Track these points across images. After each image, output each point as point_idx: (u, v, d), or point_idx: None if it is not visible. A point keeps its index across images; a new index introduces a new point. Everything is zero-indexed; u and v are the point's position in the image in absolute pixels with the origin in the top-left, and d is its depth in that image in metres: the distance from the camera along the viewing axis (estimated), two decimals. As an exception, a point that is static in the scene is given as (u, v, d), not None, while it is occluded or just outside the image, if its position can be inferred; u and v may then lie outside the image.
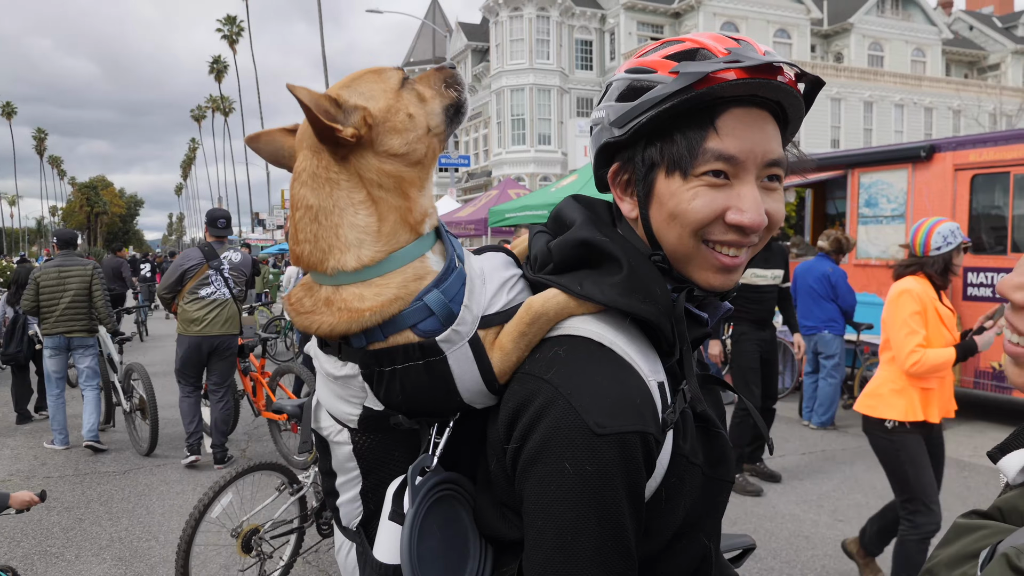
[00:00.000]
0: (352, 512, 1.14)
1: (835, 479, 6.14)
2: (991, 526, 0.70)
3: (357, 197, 1.00)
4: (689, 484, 0.98)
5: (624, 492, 0.87)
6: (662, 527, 0.96)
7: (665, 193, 0.98)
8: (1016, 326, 0.76)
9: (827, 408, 7.77)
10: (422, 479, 0.99)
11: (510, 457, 0.92)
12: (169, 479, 6.23)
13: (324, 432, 1.12)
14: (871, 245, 9.04)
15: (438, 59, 43.16)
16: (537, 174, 35.36)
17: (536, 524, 0.88)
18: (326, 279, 1.01)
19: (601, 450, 0.85)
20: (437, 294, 0.97)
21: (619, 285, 0.95)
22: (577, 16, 37.02)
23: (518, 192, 17.25)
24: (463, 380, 0.98)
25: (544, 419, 0.88)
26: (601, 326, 0.96)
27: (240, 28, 69.17)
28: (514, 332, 0.98)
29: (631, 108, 0.97)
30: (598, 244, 0.99)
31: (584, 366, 0.91)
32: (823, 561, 4.56)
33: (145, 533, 5.06)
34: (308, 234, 1.00)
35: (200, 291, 6.32)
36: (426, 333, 0.97)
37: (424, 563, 0.96)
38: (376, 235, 0.99)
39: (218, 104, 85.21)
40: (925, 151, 8.35)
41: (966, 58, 45.34)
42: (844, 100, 36.08)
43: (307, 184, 1.01)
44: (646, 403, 0.91)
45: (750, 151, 0.95)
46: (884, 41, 40.22)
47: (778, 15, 36.80)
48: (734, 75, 0.92)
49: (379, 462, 1.07)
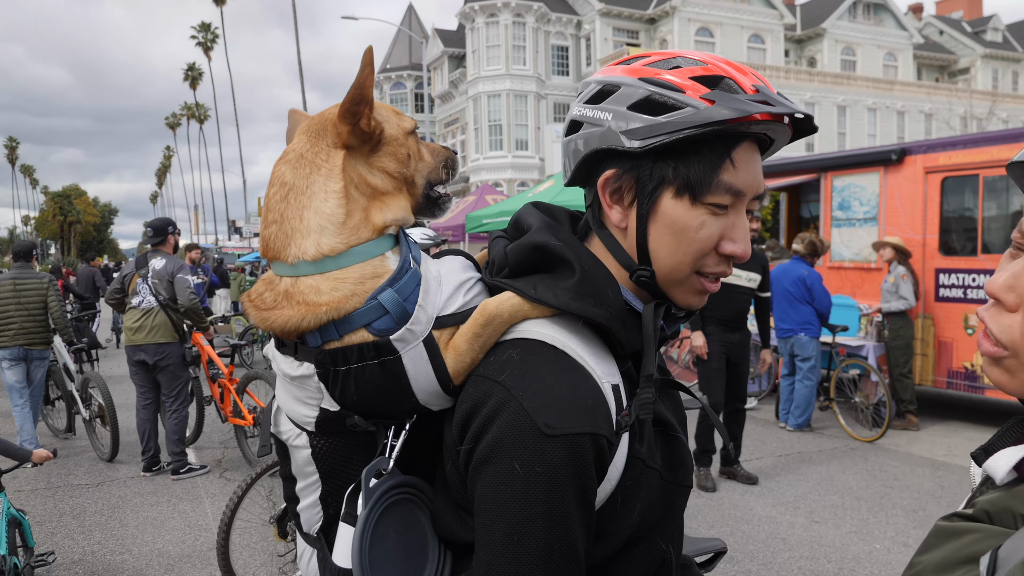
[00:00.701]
0: (312, 518, 1.14)
1: (811, 481, 6.18)
2: (982, 529, 0.68)
3: (333, 186, 1.01)
4: (645, 487, 0.99)
5: (573, 494, 0.88)
6: (617, 530, 0.96)
7: (671, 214, 0.97)
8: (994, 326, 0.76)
9: (803, 410, 7.82)
10: (377, 482, 0.99)
11: (463, 458, 0.94)
12: (143, 491, 6.15)
13: (283, 436, 1.13)
14: (845, 248, 9.12)
15: (414, 65, 43.12)
16: (515, 180, 35.40)
17: (485, 523, 0.89)
18: (287, 269, 1.01)
19: (550, 451, 0.86)
20: (391, 293, 0.98)
21: (571, 289, 0.96)
22: (553, 22, 37.15)
23: (495, 198, 17.27)
24: (417, 380, 0.98)
25: (496, 420, 0.89)
26: (555, 329, 0.97)
27: (215, 35, 68.74)
28: (468, 333, 0.99)
29: (654, 124, 0.94)
30: (552, 248, 1.00)
31: (537, 369, 0.92)
32: (800, 563, 4.58)
33: (118, 546, 4.99)
34: (276, 214, 1.02)
35: (132, 300, 6.46)
36: (380, 332, 0.97)
37: (377, 566, 0.96)
38: (339, 226, 1.00)
39: (193, 111, 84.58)
40: (896, 154, 8.44)
41: (937, 62, 46.03)
42: (817, 104, 36.47)
43: (290, 163, 1.04)
44: (598, 405, 0.92)
45: (751, 185, 0.98)
46: (856, 46, 40.73)
47: (752, 20, 37.16)
48: (760, 116, 0.94)
49: (337, 466, 1.08)
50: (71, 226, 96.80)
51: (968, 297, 7.80)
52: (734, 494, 5.82)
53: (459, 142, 41.06)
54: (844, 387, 8.13)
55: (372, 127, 1.03)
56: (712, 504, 5.60)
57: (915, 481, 6.16)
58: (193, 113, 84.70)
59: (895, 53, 41.87)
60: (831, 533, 5.05)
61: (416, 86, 43.70)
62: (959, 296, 7.89)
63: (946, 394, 9.25)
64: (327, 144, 1.04)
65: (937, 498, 5.74)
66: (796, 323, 7.65)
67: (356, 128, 1.03)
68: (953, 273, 7.95)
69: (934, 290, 8.10)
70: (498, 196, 17.79)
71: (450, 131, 42.14)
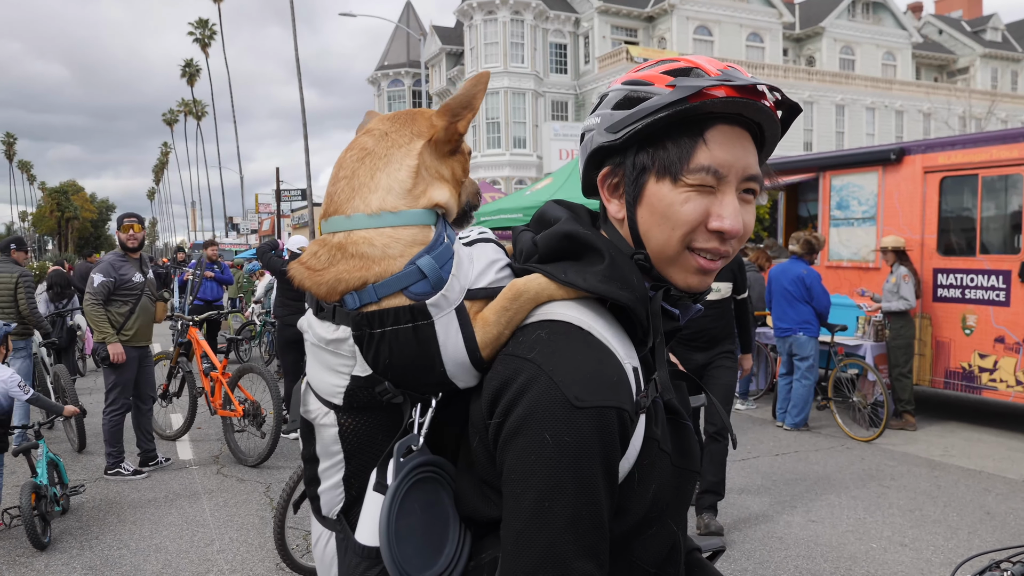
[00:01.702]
0: (333, 500, 1.17)
1: (808, 480, 6.19)
2: None
3: (408, 162, 1.11)
4: (659, 469, 1.03)
5: (600, 465, 0.92)
6: (633, 507, 1.00)
7: (655, 196, 1.05)
8: None
9: (801, 409, 7.83)
10: (407, 457, 1.04)
11: (492, 432, 0.97)
12: (140, 487, 6.15)
13: (311, 415, 1.17)
14: (843, 247, 9.13)
15: (412, 63, 43.09)
16: (512, 177, 35.39)
17: (515, 492, 0.93)
18: (342, 223, 1.07)
19: (580, 422, 0.91)
20: (429, 259, 1.03)
21: (600, 274, 1.02)
22: (551, 20, 37.13)
23: (493, 195, 17.25)
24: (447, 348, 1.02)
25: (527, 394, 0.93)
26: (581, 312, 1.02)
27: (212, 31, 68.61)
28: (497, 307, 1.04)
29: (628, 115, 1.04)
30: (581, 237, 1.06)
31: (565, 346, 0.97)
32: (796, 562, 4.59)
33: (116, 541, 4.99)
34: (348, 170, 1.10)
35: None
36: (417, 296, 1.02)
37: (402, 540, 1.00)
38: (404, 192, 1.09)
39: (190, 108, 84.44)
40: (895, 154, 8.45)
41: (936, 62, 46.06)
42: (816, 103, 36.49)
43: (374, 136, 1.13)
44: (622, 383, 0.97)
45: (733, 165, 1.03)
46: (855, 45, 40.75)
47: (751, 19, 37.16)
48: (724, 92, 1.00)
49: (363, 445, 1.12)
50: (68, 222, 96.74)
51: (966, 297, 7.81)
52: (731, 492, 5.82)
53: (457, 139, 40.98)
54: (842, 386, 8.14)
55: (464, 131, 1.14)
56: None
57: (912, 481, 6.17)
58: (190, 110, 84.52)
59: (894, 52, 41.90)
60: (828, 532, 5.05)
61: (414, 83, 43.65)
62: (957, 296, 7.90)
63: (943, 394, 9.26)
64: (412, 132, 1.13)
65: (934, 498, 5.75)
66: (795, 322, 7.66)
67: (451, 126, 1.13)
68: (951, 273, 7.96)
69: (932, 290, 8.11)
70: (496, 194, 17.78)
71: (448, 128, 42.09)
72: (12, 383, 5.16)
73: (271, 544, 4.87)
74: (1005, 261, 7.49)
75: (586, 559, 0.91)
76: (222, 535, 5.09)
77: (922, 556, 4.67)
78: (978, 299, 7.72)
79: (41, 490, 4.95)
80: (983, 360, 7.67)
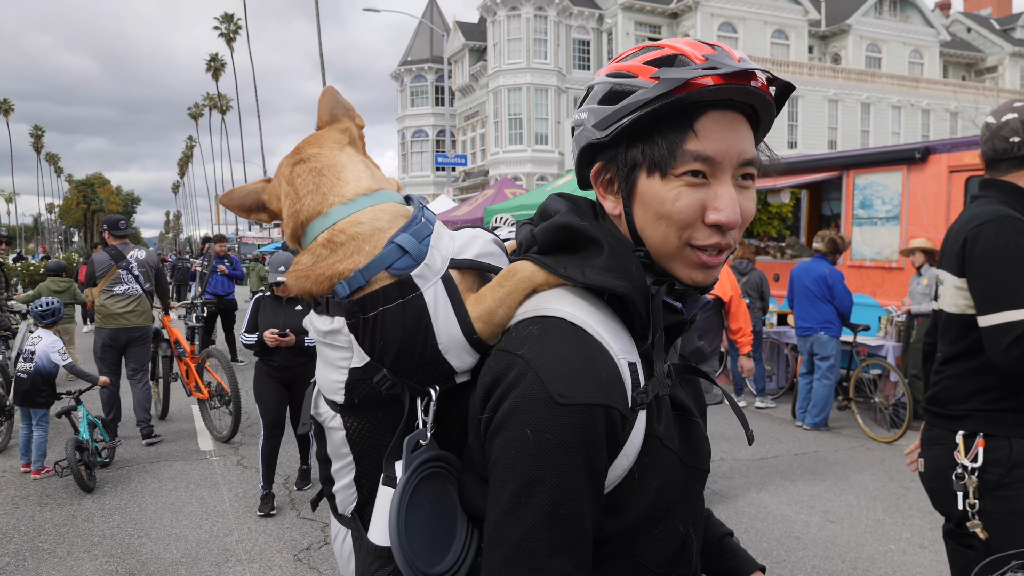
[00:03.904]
0: (347, 499, 1.18)
1: (827, 480, 6.15)
2: None
3: (358, 159, 1.17)
4: (662, 466, 1.01)
5: (582, 463, 0.91)
6: (633, 505, 0.99)
7: (648, 192, 1.02)
8: None
9: (821, 409, 7.77)
10: (416, 452, 1.04)
11: (483, 426, 0.97)
12: (161, 476, 6.22)
13: (321, 418, 1.18)
14: (866, 247, 9.04)
15: (435, 58, 43.13)
16: (534, 174, 35.36)
17: (495, 485, 0.94)
18: (322, 222, 1.09)
19: (562, 419, 0.90)
20: (407, 235, 1.06)
21: (598, 266, 1.01)
22: (575, 16, 37.01)
23: (514, 192, 17.26)
24: (438, 319, 1.03)
25: (514, 390, 0.93)
26: (576, 306, 1.01)
27: (237, 26, 69.07)
28: (492, 283, 1.07)
29: (613, 111, 1.01)
30: (578, 228, 1.05)
31: (555, 342, 0.96)
32: (813, 562, 4.57)
33: (137, 530, 5.06)
34: (311, 187, 1.12)
35: (115, 288, 7.10)
36: (401, 271, 1.04)
37: (411, 535, 1.00)
38: (370, 178, 1.15)
39: (215, 102, 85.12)
40: (920, 153, 8.35)
41: (964, 60, 45.42)
42: (841, 101, 36.12)
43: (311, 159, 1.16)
44: (613, 380, 0.95)
45: (726, 152, 0.99)
46: (882, 43, 40.27)
47: (776, 16, 36.82)
48: (711, 81, 0.96)
49: (370, 448, 1.12)
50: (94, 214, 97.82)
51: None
52: (749, 492, 5.80)
53: (479, 135, 41.05)
54: (864, 387, 8.06)
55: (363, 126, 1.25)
56: (727, 502, 5.59)
57: (933, 482, 6.10)
58: (215, 104, 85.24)
59: (921, 50, 41.36)
60: (846, 533, 5.02)
61: (437, 79, 43.71)
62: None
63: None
64: (334, 143, 1.18)
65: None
66: (816, 322, 7.60)
67: (356, 127, 1.22)
68: (976, 274, 7.84)
69: (956, 290, 7.99)
70: (517, 190, 17.78)
71: (470, 124, 42.15)
72: (53, 348, 6.16)
73: (290, 535, 4.92)
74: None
75: (562, 557, 0.90)
76: (241, 525, 5.14)
77: (941, 559, 4.62)
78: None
79: (83, 444, 5.86)
80: (1007, 362, 7.56)
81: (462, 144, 42.92)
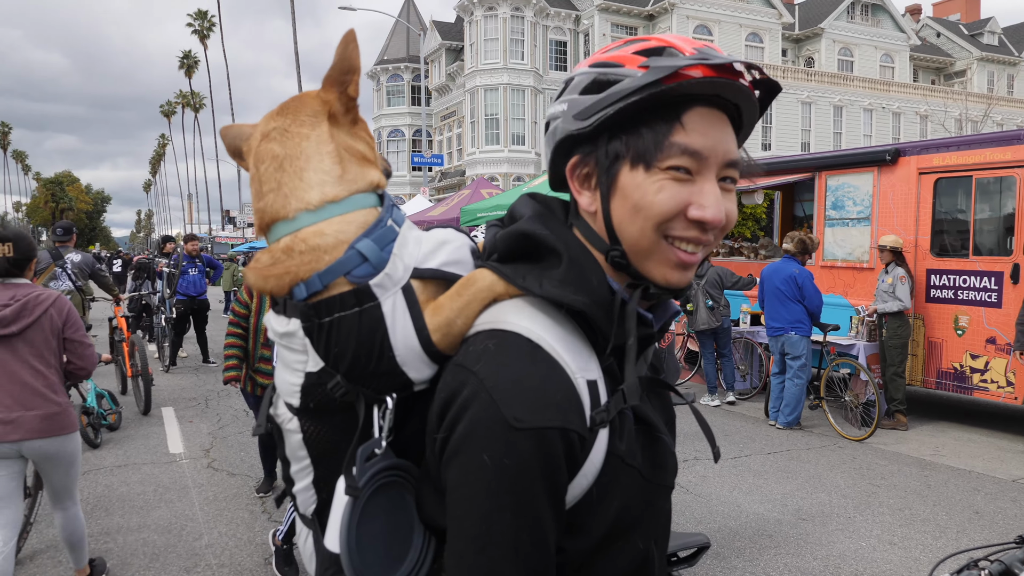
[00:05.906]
0: (307, 500, 1.16)
1: (799, 479, 6.20)
2: None
3: (326, 148, 1.07)
4: (624, 485, 0.98)
5: (542, 486, 0.89)
6: (594, 525, 0.97)
7: (629, 185, 0.97)
8: None
9: (793, 408, 7.84)
10: (371, 461, 1.01)
11: (438, 446, 0.94)
12: (129, 480, 6.13)
13: (279, 419, 1.15)
14: (837, 247, 9.13)
15: (412, 58, 43.01)
16: (510, 174, 35.36)
17: (456, 513, 0.90)
18: (287, 226, 1.04)
19: (518, 444, 0.87)
20: (368, 241, 1.02)
21: (555, 278, 0.98)
22: (552, 16, 37.08)
23: (491, 192, 17.25)
24: (395, 331, 1.00)
25: (468, 411, 0.90)
26: (534, 320, 0.97)
27: (211, 23, 68.44)
28: (450, 293, 1.03)
29: (598, 100, 0.97)
30: (538, 237, 1.01)
31: (511, 361, 0.93)
32: (786, 560, 4.59)
33: (103, 536, 4.97)
34: (272, 183, 1.06)
35: (51, 284, 7.88)
36: (359, 279, 1.00)
37: (363, 546, 0.97)
38: (338, 179, 1.06)
39: (188, 100, 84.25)
40: (890, 155, 8.45)
41: (933, 64, 46.12)
42: (814, 104, 36.50)
43: (275, 140, 1.08)
44: (570, 400, 0.92)
45: (713, 149, 0.96)
46: (854, 46, 40.77)
47: (750, 19, 37.15)
48: (701, 72, 0.93)
49: (327, 452, 1.10)
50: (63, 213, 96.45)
51: (959, 298, 7.82)
52: (722, 491, 5.83)
53: (455, 135, 40.98)
54: (834, 386, 8.14)
55: (356, 96, 1.10)
56: (700, 501, 5.61)
57: (902, 480, 6.18)
58: (188, 101, 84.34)
59: (892, 54, 41.93)
60: (818, 531, 5.06)
61: (413, 78, 43.59)
62: (950, 297, 7.91)
63: (935, 394, 9.28)
64: (309, 116, 1.09)
65: (923, 497, 5.76)
66: (787, 322, 7.66)
67: (343, 95, 1.09)
68: (944, 274, 7.97)
69: (925, 291, 8.12)
70: (493, 190, 17.77)
71: (446, 124, 42.07)
72: None
73: (260, 539, 4.86)
74: (997, 263, 7.50)
75: None
76: (211, 530, 5.07)
77: (911, 555, 4.67)
78: (970, 300, 7.73)
79: (88, 410, 6.90)
80: (975, 361, 7.69)
81: (438, 144, 42.82)
